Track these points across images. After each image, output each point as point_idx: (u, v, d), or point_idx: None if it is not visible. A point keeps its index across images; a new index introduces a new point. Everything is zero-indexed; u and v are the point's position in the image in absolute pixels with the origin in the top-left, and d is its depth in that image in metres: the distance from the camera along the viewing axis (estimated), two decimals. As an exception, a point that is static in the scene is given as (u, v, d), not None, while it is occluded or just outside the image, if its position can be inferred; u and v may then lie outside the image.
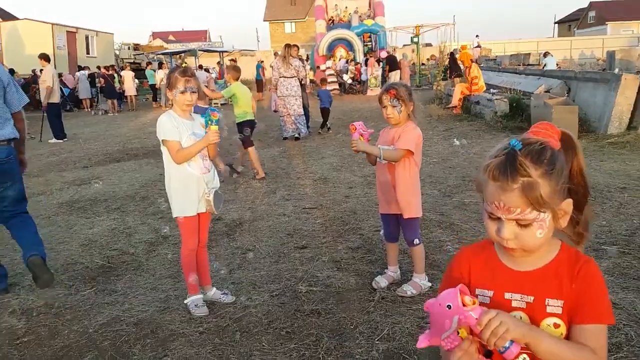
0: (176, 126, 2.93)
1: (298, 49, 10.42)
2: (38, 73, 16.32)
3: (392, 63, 19.33)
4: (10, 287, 3.66)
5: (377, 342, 2.66)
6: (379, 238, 4.12)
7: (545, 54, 20.20)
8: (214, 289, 3.28)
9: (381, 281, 3.28)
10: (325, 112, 10.53)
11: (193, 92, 2.94)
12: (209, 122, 2.91)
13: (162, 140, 2.96)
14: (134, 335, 2.88)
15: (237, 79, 7.01)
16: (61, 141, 11.53)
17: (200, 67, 21.49)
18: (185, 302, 3.16)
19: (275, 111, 10.13)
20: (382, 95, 3.06)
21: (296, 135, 9.73)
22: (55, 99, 11.63)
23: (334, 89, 18.78)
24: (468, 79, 12.26)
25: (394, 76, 18.26)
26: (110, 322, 3.06)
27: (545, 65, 18.41)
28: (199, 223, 3.11)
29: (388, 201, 3.15)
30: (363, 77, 20.57)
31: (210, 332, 2.87)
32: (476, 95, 11.49)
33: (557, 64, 19.77)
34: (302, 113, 9.82)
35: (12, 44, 23.25)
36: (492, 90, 11.95)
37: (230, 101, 7.10)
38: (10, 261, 4.18)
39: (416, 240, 3.15)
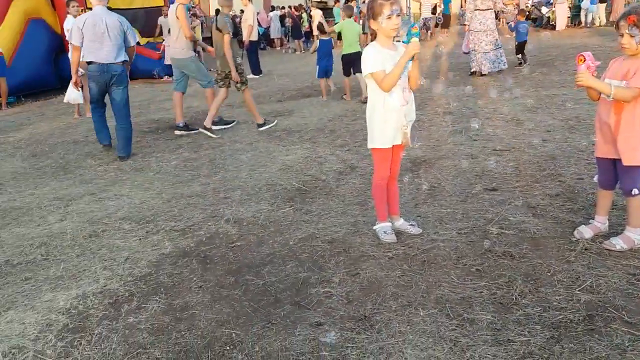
0: (380, 58, 2.93)
1: None
2: (238, 13, 17.77)
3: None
4: (224, 199, 4.22)
5: (577, 292, 2.47)
6: (583, 187, 3.75)
7: None
8: (402, 219, 3.35)
9: (585, 231, 3.00)
10: (522, 46, 9.95)
11: (398, 14, 2.89)
12: (410, 36, 2.86)
13: (368, 74, 2.99)
14: (329, 252, 3.12)
15: (349, 17, 8.44)
16: (257, 77, 12.55)
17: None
18: (373, 228, 3.29)
19: (465, 52, 9.71)
20: (620, 20, 2.66)
21: (486, 72, 9.17)
22: (254, 37, 12.57)
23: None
24: None
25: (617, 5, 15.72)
26: (307, 237, 3.36)
27: None
28: (392, 154, 3.15)
29: (608, 144, 2.81)
30: (544, 11, 18.18)
31: (399, 259, 2.96)
32: None
33: None
34: (496, 48, 9.19)
35: (216, -14, 25.58)
36: None
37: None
38: (221, 178, 4.79)
39: (635, 191, 2.78)
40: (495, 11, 9.10)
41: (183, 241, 3.46)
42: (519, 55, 10.01)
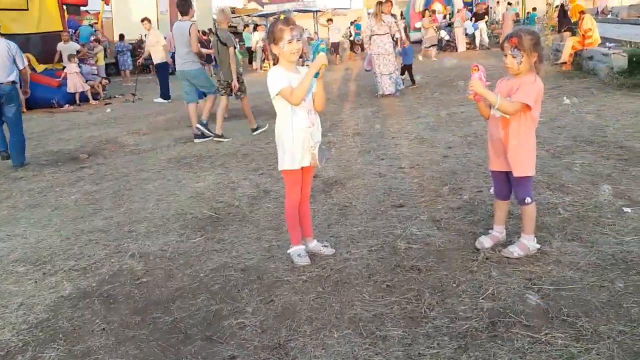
0: (285, 77, 2.94)
1: (391, 5, 10.11)
2: (144, 38, 17.28)
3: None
4: (128, 233, 4.01)
5: (481, 301, 2.59)
6: (482, 199, 3.98)
7: None
8: (315, 240, 3.36)
9: (485, 241, 3.17)
10: (408, 68, 10.74)
11: (298, 39, 2.94)
12: (317, 52, 2.92)
13: (275, 95, 2.98)
14: (242, 281, 3.04)
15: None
16: (166, 102, 12.21)
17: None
18: (288, 252, 3.27)
19: (367, 70, 10.32)
20: (504, 42, 2.89)
21: (389, 93, 9.66)
22: (166, 58, 12.28)
23: (432, 46, 17.92)
24: (580, 32, 11.22)
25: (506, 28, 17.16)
26: (219, 267, 3.26)
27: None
28: (302, 176, 3.16)
29: (499, 157, 3.01)
30: (442, 34, 19.58)
31: (313, 281, 2.95)
32: (589, 49, 10.50)
33: None
34: (394, 70, 9.73)
35: (121, 11, 24.70)
36: (607, 44, 10.87)
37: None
38: (126, 210, 4.56)
39: (528, 199, 2.99)
40: (391, 35, 9.66)
41: (84, 281, 3.23)
42: (404, 76, 10.76)
